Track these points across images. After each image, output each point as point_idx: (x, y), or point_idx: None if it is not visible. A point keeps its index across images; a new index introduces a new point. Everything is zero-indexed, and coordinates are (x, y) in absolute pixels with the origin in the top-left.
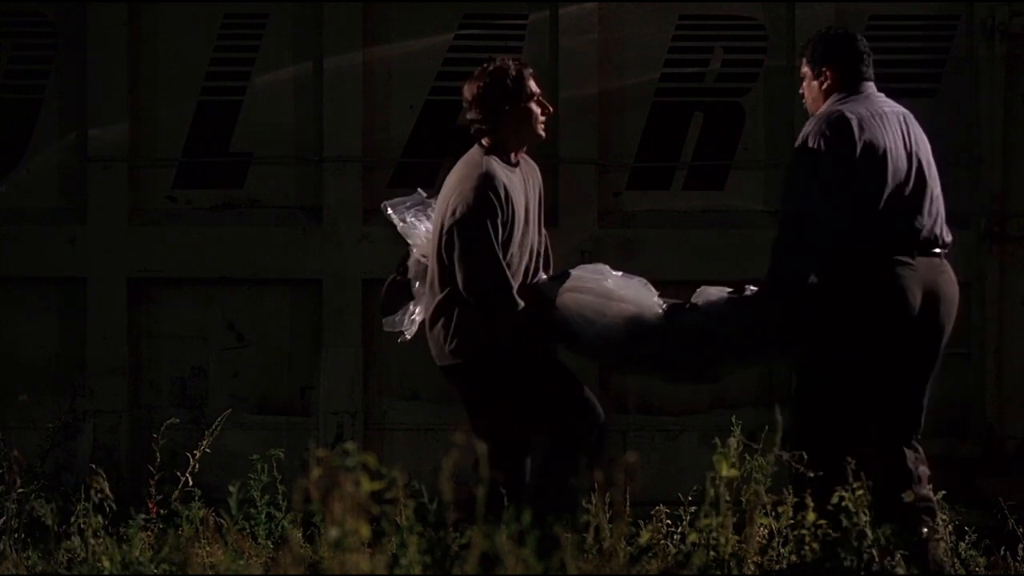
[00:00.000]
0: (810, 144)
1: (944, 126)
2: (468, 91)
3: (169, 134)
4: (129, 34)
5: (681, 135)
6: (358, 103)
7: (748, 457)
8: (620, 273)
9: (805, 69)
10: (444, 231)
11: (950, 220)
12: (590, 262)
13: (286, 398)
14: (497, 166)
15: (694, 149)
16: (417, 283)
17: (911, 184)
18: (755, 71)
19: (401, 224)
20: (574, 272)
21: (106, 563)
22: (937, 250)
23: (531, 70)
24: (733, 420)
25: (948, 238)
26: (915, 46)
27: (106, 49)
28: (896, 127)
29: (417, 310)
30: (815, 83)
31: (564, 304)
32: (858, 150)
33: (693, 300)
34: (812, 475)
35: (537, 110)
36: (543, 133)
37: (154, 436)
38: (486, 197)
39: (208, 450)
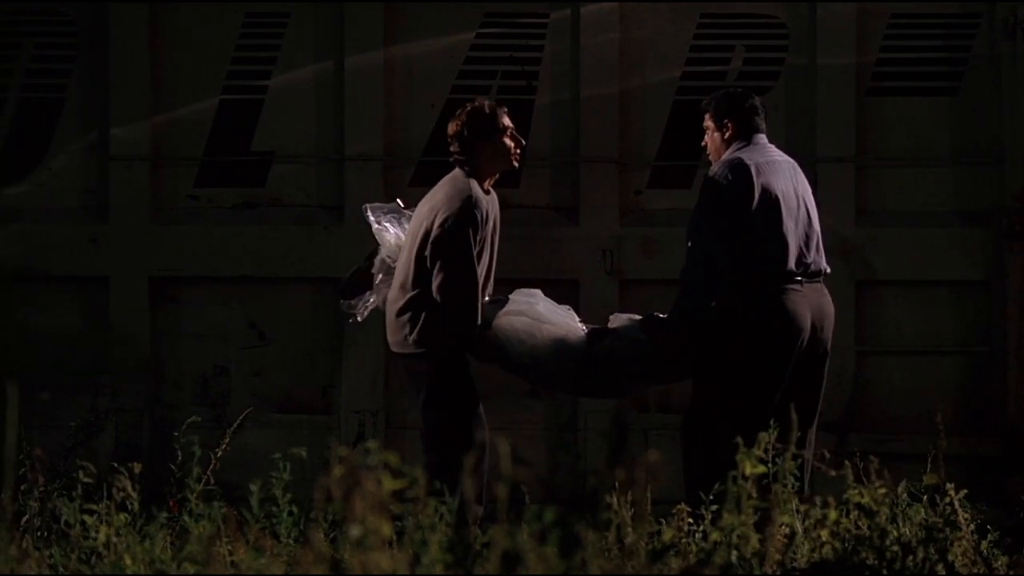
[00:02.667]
0: (715, 186)
1: (965, 125)
2: (450, 128)
3: (191, 133)
4: (150, 33)
5: (702, 134)
6: (379, 102)
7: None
8: (551, 301)
9: (709, 123)
10: (431, 240)
11: (972, 218)
12: (613, 261)
13: (308, 396)
14: (479, 190)
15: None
16: (379, 276)
17: (799, 223)
18: (776, 70)
19: (376, 226)
20: (511, 297)
21: (128, 561)
22: (820, 278)
23: (505, 109)
24: None
25: (828, 269)
26: (936, 45)
27: (128, 48)
28: (787, 173)
29: (372, 300)
30: (717, 134)
31: (499, 325)
32: (756, 192)
33: (609, 325)
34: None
35: (510, 144)
36: (516, 164)
37: (176, 435)
38: (472, 215)
39: (230, 448)
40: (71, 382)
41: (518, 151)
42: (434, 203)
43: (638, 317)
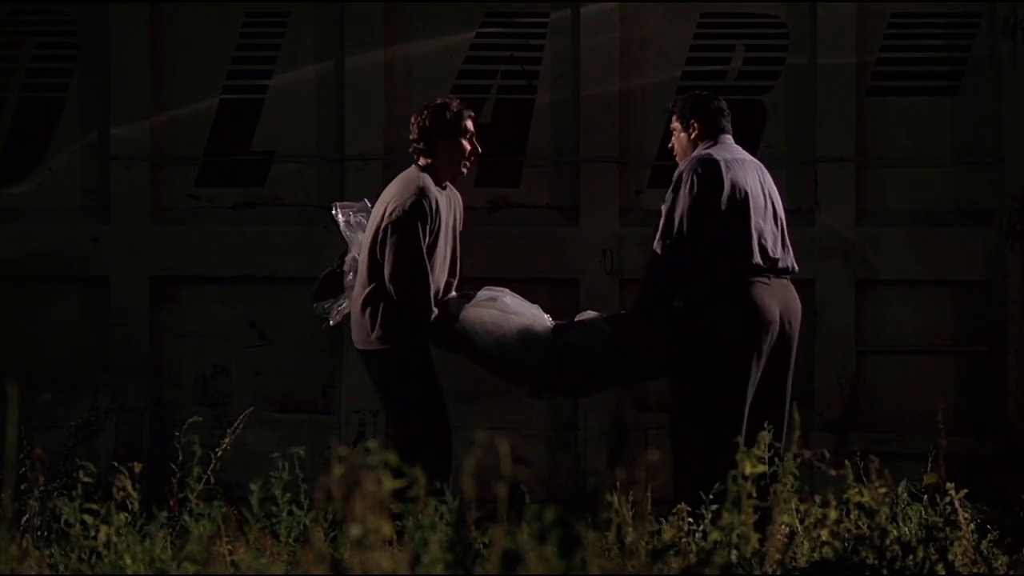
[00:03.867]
0: (685, 181)
1: (965, 124)
2: (414, 119)
3: (191, 132)
4: (151, 33)
5: None
6: (380, 101)
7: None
8: (519, 296)
9: (675, 123)
10: (380, 230)
11: (972, 218)
12: (613, 261)
13: (308, 396)
14: (431, 182)
15: None
16: (350, 275)
17: (767, 221)
18: (777, 69)
19: (344, 224)
20: (479, 292)
21: (128, 561)
22: (787, 276)
23: (471, 113)
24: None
25: (797, 268)
26: (937, 44)
27: (128, 48)
28: (753, 172)
29: (345, 303)
30: (684, 135)
31: (467, 317)
32: (725, 188)
33: (576, 320)
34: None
35: (466, 147)
36: (464, 170)
37: (176, 434)
38: (420, 205)
39: (230, 448)
40: (71, 381)
41: (471, 158)
42: (387, 197)
43: (605, 315)
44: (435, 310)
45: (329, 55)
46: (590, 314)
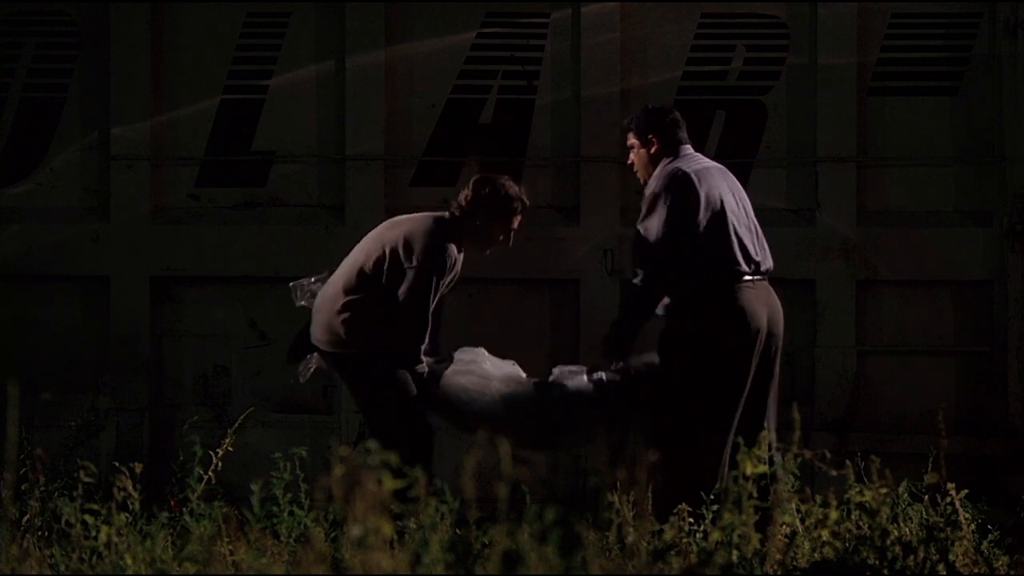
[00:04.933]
0: (659, 198)
1: (966, 124)
2: (473, 184)
3: (192, 133)
4: (152, 33)
5: (703, 133)
6: (380, 102)
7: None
8: (495, 358)
9: (633, 140)
10: (392, 255)
11: (973, 218)
12: (613, 261)
13: (308, 396)
14: (454, 244)
15: (716, 147)
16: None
17: (742, 223)
18: (777, 69)
19: (302, 303)
20: (456, 356)
21: (129, 561)
22: (767, 276)
23: (526, 210)
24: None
25: (772, 266)
26: (937, 44)
27: (129, 48)
28: (721, 178)
29: (314, 362)
30: (643, 151)
31: (448, 385)
32: (701, 198)
33: (552, 379)
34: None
35: (500, 239)
36: (485, 252)
37: (177, 434)
38: (443, 260)
39: (231, 448)
40: (72, 381)
41: (493, 248)
42: (411, 232)
43: (583, 367)
44: (423, 355)
45: (330, 55)
46: (565, 370)
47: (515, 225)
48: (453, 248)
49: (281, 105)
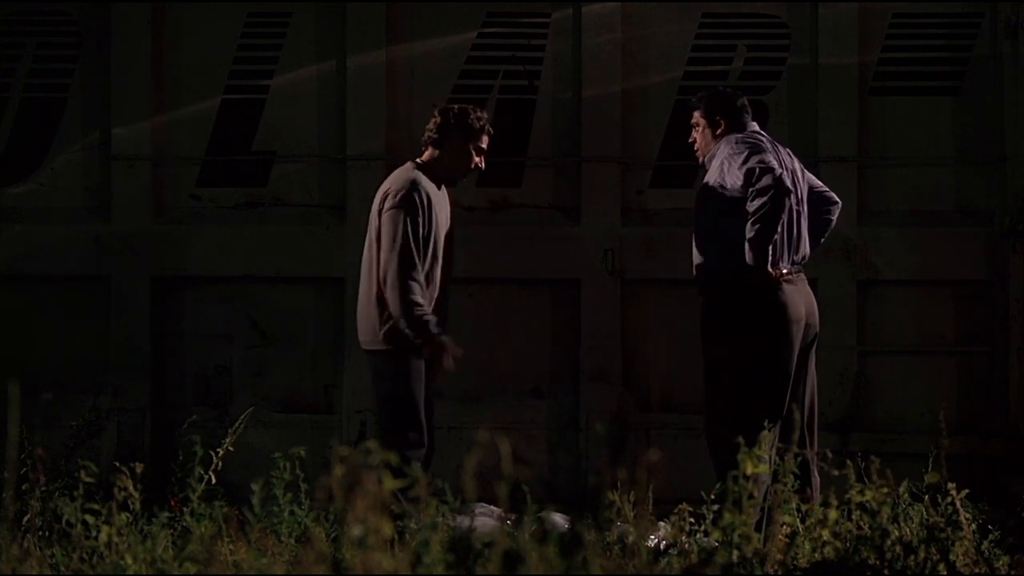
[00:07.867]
0: (736, 146)
1: (967, 124)
2: (437, 111)
3: (193, 133)
4: (153, 33)
5: None
6: (381, 102)
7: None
8: None
9: (699, 119)
10: (380, 223)
11: (974, 218)
12: (614, 261)
13: (309, 396)
14: (423, 178)
15: None
16: None
17: (802, 204)
18: (778, 69)
19: None
20: None
21: (130, 561)
22: (802, 268)
23: (491, 132)
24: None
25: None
26: (938, 44)
27: (130, 48)
28: (783, 154)
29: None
30: (709, 131)
31: None
32: (774, 160)
33: None
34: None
35: (474, 158)
36: (460, 179)
37: (177, 434)
38: (411, 198)
39: (231, 448)
40: (73, 381)
41: (473, 170)
42: (386, 187)
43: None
44: (430, 314)
45: (331, 55)
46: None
47: (484, 144)
48: (422, 184)
49: (282, 105)
